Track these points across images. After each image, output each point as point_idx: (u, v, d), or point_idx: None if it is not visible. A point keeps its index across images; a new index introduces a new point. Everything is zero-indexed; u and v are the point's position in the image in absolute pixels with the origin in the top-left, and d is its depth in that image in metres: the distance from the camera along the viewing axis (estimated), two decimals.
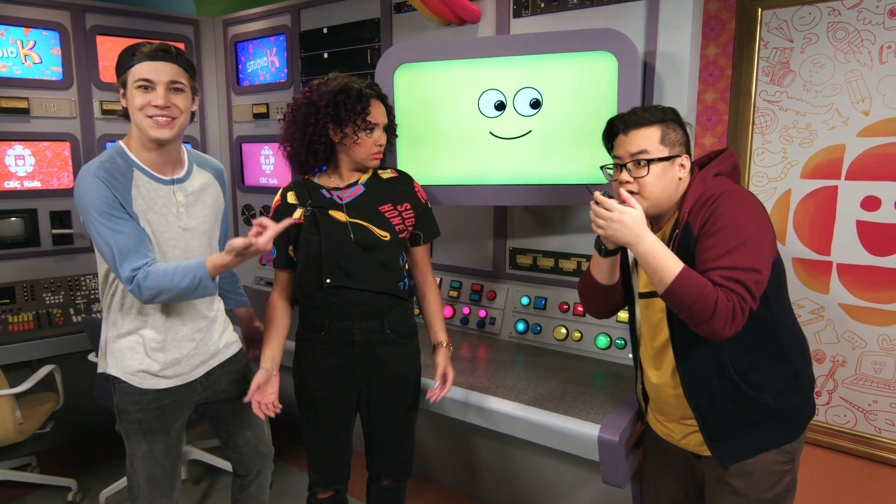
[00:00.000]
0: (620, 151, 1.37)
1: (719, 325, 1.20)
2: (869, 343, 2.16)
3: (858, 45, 2.07)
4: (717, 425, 1.38)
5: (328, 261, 1.57)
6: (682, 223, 1.33)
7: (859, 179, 2.11)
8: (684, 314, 1.24)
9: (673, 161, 1.35)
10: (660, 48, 1.88)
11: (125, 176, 1.48)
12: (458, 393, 1.81)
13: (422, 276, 1.77)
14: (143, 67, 1.44)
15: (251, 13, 3.07)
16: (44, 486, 2.55)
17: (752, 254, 1.22)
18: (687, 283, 1.21)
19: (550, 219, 2.26)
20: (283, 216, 1.60)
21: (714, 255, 1.23)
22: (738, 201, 1.28)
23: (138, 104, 1.45)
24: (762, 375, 1.35)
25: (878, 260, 2.10)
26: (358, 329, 1.61)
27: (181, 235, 1.56)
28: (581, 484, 1.97)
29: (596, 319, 2.12)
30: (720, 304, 1.18)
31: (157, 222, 1.51)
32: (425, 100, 2.06)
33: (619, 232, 1.27)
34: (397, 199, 1.66)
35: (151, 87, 1.45)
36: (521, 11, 2.16)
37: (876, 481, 2.18)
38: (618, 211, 1.27)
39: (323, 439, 1.71)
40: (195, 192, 1.61)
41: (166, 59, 1.45)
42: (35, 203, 2.80)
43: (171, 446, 1.64)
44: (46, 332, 2.61)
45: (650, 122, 1.34)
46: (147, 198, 1.50)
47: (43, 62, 2.78)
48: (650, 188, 1.34)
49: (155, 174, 1.54)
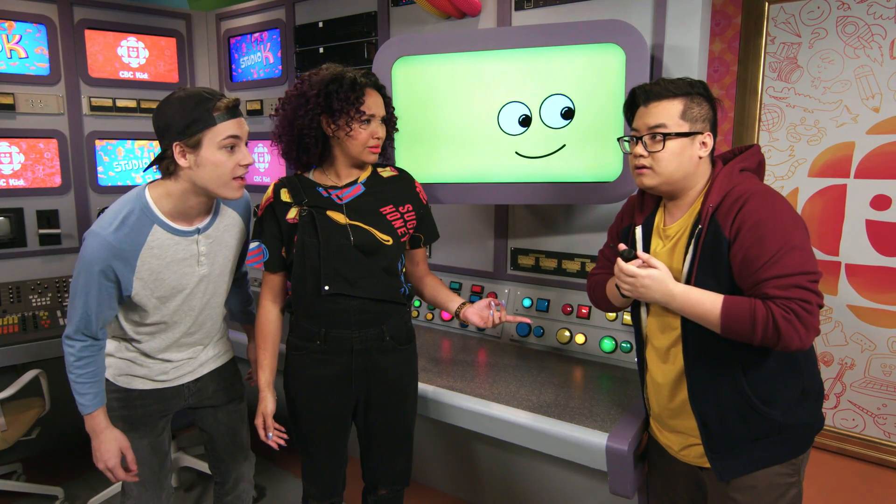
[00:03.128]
0: (639, 123, 1.31)
1: (793, 339, 1.14)
2: (878, 345, 2.11)
3: (868, 40, 2.02)
4: (721, 438, 1.32)
5: (327, 267, 1.47)
6: (707, 217, 1.25)
7: (869, 178, 2.07)
8: (754, 342, 1.18)
9: (693, 138, 1.28)
10: (668, 41, 1.82)
11: (139, 236, 1.39)
12: (458, 399, 1.75)
13: (419, 278, 1.72)
14: (228, 125, 1.35)
15: (245, 7, 3.00)
16: (30, 495, 2.49)
17: (804, 256, 1.16)
18: (736, 317, 1.17)
19: (553, 218, 2.20)
20: (275, 213, 1.53)
21: (764, 263, 1.16)
22: (772, 202, 1.21)
23: (228, 168, 1.36)
24: (773, 389, 1.29)
25: (887, 260, 2.06)
26: (357, 338, 1.53)
27: (196, 286, 1.51)
28: (587, 493, 1.91)
29: (601, 323, 2.07)
30: (779, 321, 1.13)
31: (170, 279, 1.45)
32: (425, 94, 2.00)
33: (647, 293, 1.26)
34: (399, 200, 1.57)
35: (237, 144, 1.37)
36: (522, 4, 2.10)
37: (886, 486, 2.14)
38: (640, 276, 1.25)
39: (318, 452, 1.64)
40: (219, 236, 1.53)
41: (241, 115, 1.40)
42: (21, 202, 2.72)
43: (157, 444, 1.61)
44: (32, 336, 2.53)
45: (673, 95, 1.27)
46: (161, 257, 1.42)
47: (29, 57, 2.70)
48: (665, 164, 1.28)
49: (177, 227, 1.44)
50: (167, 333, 1.54)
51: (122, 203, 1.41)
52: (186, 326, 1.55)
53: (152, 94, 2.98)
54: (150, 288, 1.44)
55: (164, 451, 1.64)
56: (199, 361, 1.64)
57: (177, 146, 1.33)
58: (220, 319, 1.67)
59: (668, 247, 1.35)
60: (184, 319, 1.54)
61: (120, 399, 1.55)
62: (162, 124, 1.35)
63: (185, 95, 1.34)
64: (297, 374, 1.59)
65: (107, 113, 2.89)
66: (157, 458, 1.61)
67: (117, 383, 1.54)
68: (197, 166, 1.35)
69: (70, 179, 2.82)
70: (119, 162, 2.95)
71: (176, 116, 1.32)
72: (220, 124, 1.33)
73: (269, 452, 1.89)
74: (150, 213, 1.40)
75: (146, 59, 3.01)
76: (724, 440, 1.32)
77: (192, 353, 1.62)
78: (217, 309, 1.62)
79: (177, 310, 1.51)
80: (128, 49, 2.95)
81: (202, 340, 1.64)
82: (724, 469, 1.33)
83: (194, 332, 1.59)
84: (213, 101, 1.33)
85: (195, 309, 1.54)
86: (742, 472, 1.32)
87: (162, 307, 1.49)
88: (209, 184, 1.37)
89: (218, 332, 1.68)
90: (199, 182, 1.37)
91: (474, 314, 1.64)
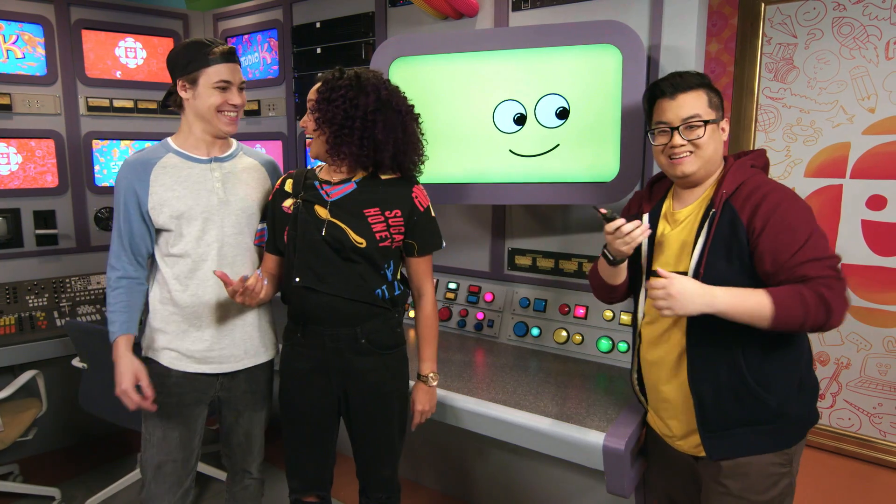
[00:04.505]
0: (669, 116, 1.35)
1: (839, 317, 1.21)
2: (874, 345, 2.12)
3: (864, 41, 2.03)
4: (715, 417, 1.35)
5: (299, 259, 1.51)
6: (721, 202, 1.31)
7: (865, 178, 2.07)
8: (804, 330, 1.24)
9: (719, 125, 1.37)
10: (664, 42, 1.83)
11: (153, 156, 1.60)
12: (455, 399, 1.75)
13: (417, 292, 1.63)
14: (221, 69, 1.56)
15: (242, 7, 3.00)
16: (27, 496, 2.48)
17: (825, 243, 1.26)
18: (787, 309, 1.20)
19: (551, 218, 2.20)
20: (277, 202, 1.60)
21: (796, 250, 1.23)
22: (789, 195, 1.29)
23: (215, 103, 1.57)
24: (771, 375, 1.32)
25: (883, 260, 2.06)
26: (329, 335, 1.53)
27: (216, 209, 1.60)
28: (583, 493, 1.92)
29: (598, 323, 2.08)
30: (830, 301, 1.19)
31: (185, 196, 1.58)
32: (422, 95, 1.98)
33: (685, 304, 1.22)
34: (388, 204, 1.52)
35: (228, 87, 1.57)
36: (520, 5, 2.10)
37: (881, 486, 2.15)
38: (665, 285, 1.23)
39: (299, 444, 1.64)
40: (236, 171, 1.67)
41: (237, 61, 1.60)
42: (18, 202, 2.72)
43: (187, 439, 1.65)
44: (29, 337, 2.53)
45: (698, 86, 1.35)
46: (173, 175, 1.59)
47: (26, 57, 2.69)
48: (705, 148, 1.34)
49: (189, 154, 1.62)
50: (198, 276, 1.59)
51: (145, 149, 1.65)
52: (214, 262, 1.59)
53: (149, 94, 2.98)
54: (168, 204, 1.57)
55: (191, 449, 1.68)
56: (236, 353, 1.66)
57: (179, 81, 1.57)
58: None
59: (676, 229, 1.41)
60: (209, 253, 1.59)
61: (157, 385, 1.60)
62: (170, 63, 1.60)
63: (190, 42, 1.60)
64: (283, 364, 1.64)
65: (104, 113, 2.88)
66: (182, 454, 1.65)
67: (159, 360, 1.62)
68: (194, 98, 1.58)
69: (67, 180, 2.82)
70: (116, 162, 2.95)
71: (180, 57, 1.57)
72: (214, 66, 1.55)
73: (266, 451, 1.89)
74: (165, 144, 1.64)
75: (143, 59, 3.00)
76: (718, 421, 1.35)
77: (229, 332, 1.64)
78: (247, 253, 1.66)
79: (199, 237, 1.58)
80: (125, 49, 2.94)
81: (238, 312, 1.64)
82: (714, 448, 1.36)
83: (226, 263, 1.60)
84: (211, 46, 1.57)
85: (219, 241, 1.60)
86: (732, 454, 1.35)
87: (184, 231, 1.58)
88: (204, 114, 1.58)
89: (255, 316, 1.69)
90: (196, 112, 1.59)
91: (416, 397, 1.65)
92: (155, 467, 1.63)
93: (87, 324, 2.18)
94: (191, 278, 1.59)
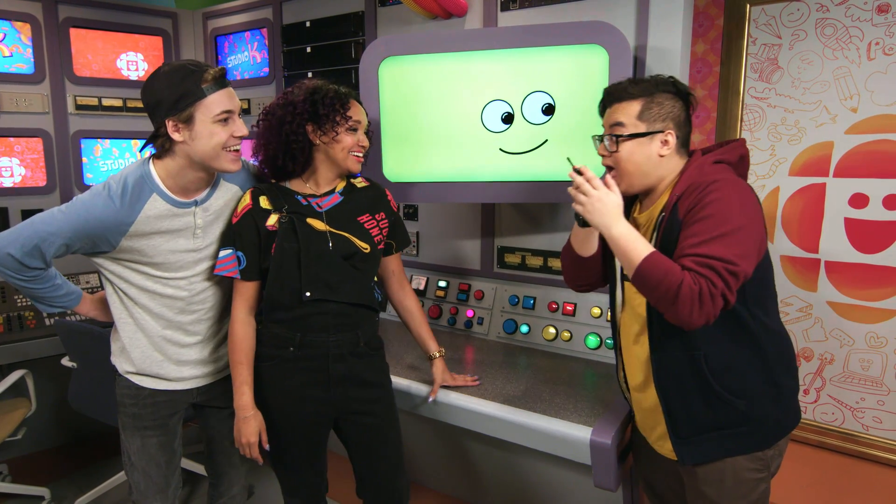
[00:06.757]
0: (605, 123, 1.37)
1: (685, 310, 1.13)
2: (857, 340, 2.16)
3: (847, 42, 2.07)
4: (685, 423, 1.33)
5: (308, 272, 1.47)
6: (670, 207, 1.27)
7: (847, 177, 2.11)
8: (652, 297, 1.20)
9: (651, 137, 1.30)
10: (650, 42, 1.85)
11: (137, 203, 1.39)
12: (445, 395, 1.77)
13: (399, 286, 1.73)
14: (219, 98, 1.33)
15: (231, 6, 2.99)
16: (16, 496, 2.47)
17: (732, 247, 1.15)
18: (653, 265, 1.17)
19: (539, 216, 2.22)
20: (254, 219, 1.49)
21: (693, 242, 1.17)
22: (730, 191, 1.20)
23: (221, 141, 1.35)
24: (738, 380, 1.30)
25: (865, 257, 2.10)
26: (333, 342, 1.52)
27: (187, 257, 1.49)
28: (573, 487, 1.94)
29: (586, 320, 2.10)
30: (684, 287, 1.12)
31: (162, 245, 1.45)
32: (412, 94, 2.01)
33: (597, 212, 1.24)
34: (374, 209, 1.61)
35: (230, 117, 1.36)
36: (508, 5, 2.12)
37: (863, 479, 2.19)
38: (603, 191, 1.25)
39: (298, 464, 1.62)
40: (217, 210, 1.52)
41: (229, 84, 1.38)
42: (6, 201, 2.70)
43: (165, 442, 1.61)
44: (17, 336, 2.51)
45: (631, 97, 1.31)
46: (156, 226, 1.42)
47: (13, 55, 2.68)
48: (623, 164, 1.32)
49: (175, 198, 1.44)
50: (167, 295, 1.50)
51: (128, 172, 1.42)
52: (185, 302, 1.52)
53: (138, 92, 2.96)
54: (142, 253, 1.44)
55: (172, 450, 1.64)
56: (210, 369, 1.62)
57: (169, 122, 1.33)
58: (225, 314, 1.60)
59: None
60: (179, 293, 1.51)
61: (131, 396, 1.56)
62: (152, 101, 1.35)
63: (170, 70, 1.33)
64: (267, 386, 1.54)
65: (92, 112, 2.87)
66: (164, 456, 1.61)
67: (132, 380, 1.55)
68: (192, 140, 1.34)
69: (55, 179, 2.80)
70: (105, 161, 2.94)
71: (165, 92, 1.32)
72: (211, 96, 1.32)
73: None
74: (150, 180, 1.41)
75: (145, 70, 3.00)
76: (688, 426, 1.33)
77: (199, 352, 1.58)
78: (213, 288, 1.56)
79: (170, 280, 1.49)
80: (127, 63, 2.96)
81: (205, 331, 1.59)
82: (686, 454, 1.34)
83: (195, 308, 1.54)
84: (199, 72, 1.32)
85: (193, 284, 1.52)
86: (703, 458, 1.33)
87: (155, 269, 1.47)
88: (205, 157, 1.36)
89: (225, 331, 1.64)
90: (195, 156, 1.37)
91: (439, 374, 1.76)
92: (142, 473, 1.60)
93: (77, 323, 2.17)
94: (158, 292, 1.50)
